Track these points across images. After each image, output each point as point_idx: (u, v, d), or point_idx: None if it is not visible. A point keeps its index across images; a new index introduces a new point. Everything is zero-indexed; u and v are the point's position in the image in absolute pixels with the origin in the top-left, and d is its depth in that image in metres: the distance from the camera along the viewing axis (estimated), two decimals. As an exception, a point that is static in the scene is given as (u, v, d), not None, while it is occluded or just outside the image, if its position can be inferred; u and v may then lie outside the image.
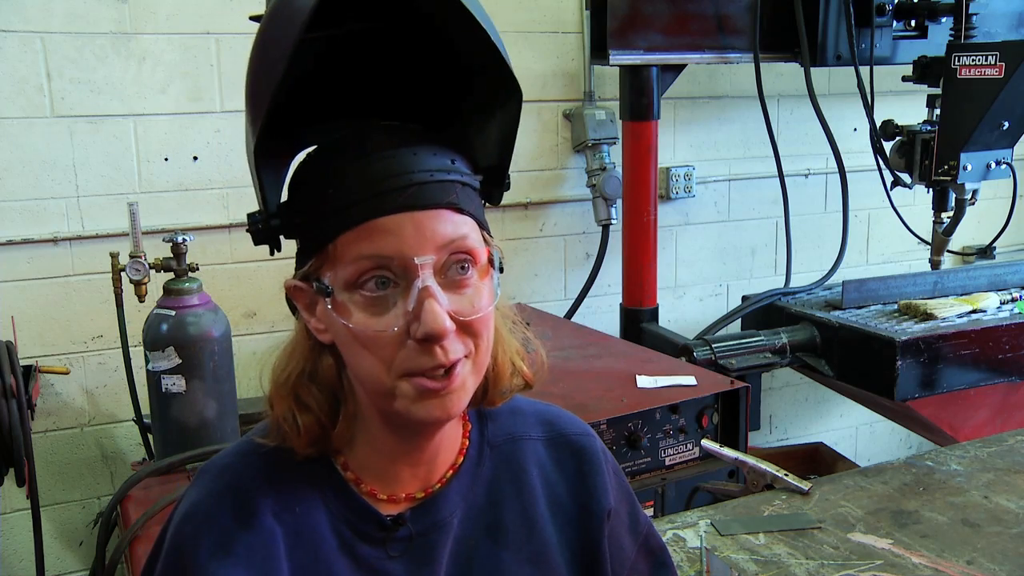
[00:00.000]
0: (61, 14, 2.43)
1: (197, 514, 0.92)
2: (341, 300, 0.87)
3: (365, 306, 0.87)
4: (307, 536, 0.93)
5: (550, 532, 1.02)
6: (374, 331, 0.86)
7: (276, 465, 0.95)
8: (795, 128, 3.39)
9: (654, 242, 2.96)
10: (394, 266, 0.86)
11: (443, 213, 0.88)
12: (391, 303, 0.87)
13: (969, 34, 2.70)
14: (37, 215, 2.49)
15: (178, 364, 2.01)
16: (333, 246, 0.87)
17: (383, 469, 0.97)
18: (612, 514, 1.06)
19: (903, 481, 1.76)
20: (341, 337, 0.89)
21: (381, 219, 0.85)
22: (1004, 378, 2.63)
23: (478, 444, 1.03)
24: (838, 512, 1.64)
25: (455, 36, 0.89)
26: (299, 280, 0.92)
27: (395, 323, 0.86)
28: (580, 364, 2.29)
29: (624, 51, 2.75)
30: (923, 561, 1.47)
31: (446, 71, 0.95)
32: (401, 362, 0.87)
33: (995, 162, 2.65)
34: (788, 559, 1.48)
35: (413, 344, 0.86)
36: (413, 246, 0.85)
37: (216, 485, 0.94)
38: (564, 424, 1.08)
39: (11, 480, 2.10)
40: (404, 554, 0.95)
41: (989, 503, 1.66)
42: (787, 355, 2.73)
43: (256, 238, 0.93)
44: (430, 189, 0.87)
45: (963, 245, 3.74)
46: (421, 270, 0.85)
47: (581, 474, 1.05)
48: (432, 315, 0.84)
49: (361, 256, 0.86)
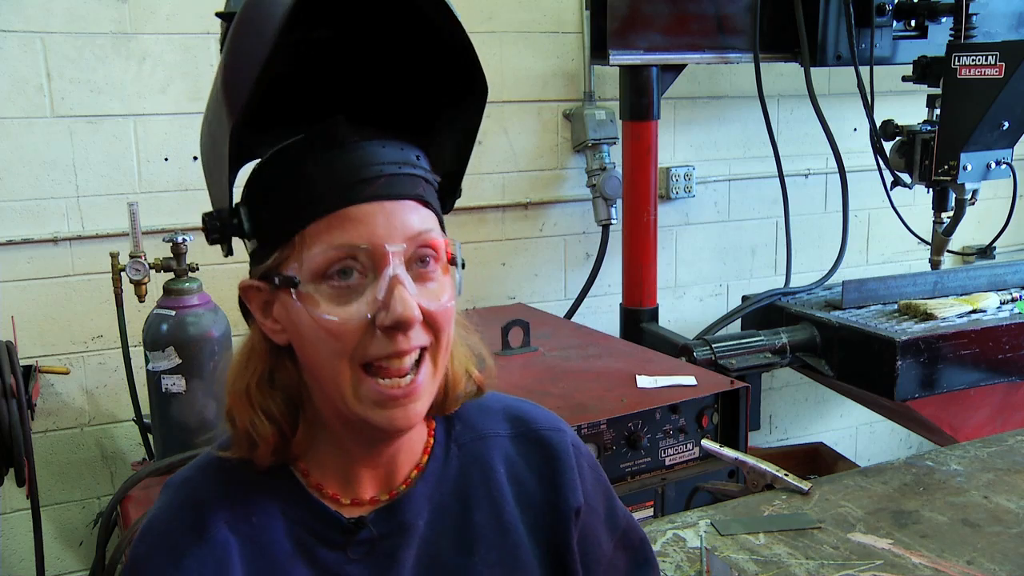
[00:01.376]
0: (61, 14, 2.43)
1: (152, 530, 0.93)
2: (307, 292, 0.87)
3: (332, 296, 0.87)
4: (264, 545, 0.93)
5: (521, 531, 1.02)
6: (341, 319, 0.86)
7: (235, 476, 0.95)
8: (795, 128, 3.39)
9: (654, 242, 2.96)
10: (363, 255, 0.86)
11: (412, 204, 0.89)
12: (357, 292, 0.87)
13: (969, 34, 2.70)
14: (37, 215, 2.49)
15: (178, 364, 2.01)
16: (300, 237, 0.87)
17: (343, 472, 0.97)
18: (584, 511, 1.05)
19: (903, 481, 1.76)
20: (303, 331, 0.88)
21: (352, 208, 0.86)
22: (1004, 378, 2.63)
23: (444, 443, 1.03)
24: (838, 512, 1.64)
25: (426, 27, 0.90)
26: (257, 280, 0.91)
27: (363, 311, 0.86)
28: (580, 364, 2.29)
29: (624, 51, 2.75)
30: (923, 561, 1.47)
31: (410, 71, 0.95)
32: (363, 350, 0.87)
33: (995, 162, 2.65)
34: (788, 559, 1.48)
35: (377, 334, 0.87)
36: (383, 235, 0.86)
37: (173, 500, 0.95)
38: (532, 420, 1.08)
39: (11, 480, 2.10)
40: (366, 557, 0.95)
41: (989, 503, 1.66)
42: (787, 355, 2.73)
43: (213, 236, 0.92)
44: (399, 181, 0.89)
45: (963, 245, 3.74)
46: (392, 258, 0.86)
47: (550, 471, 1.04)
48: (402, 302, 0.85)
49: (332, 245, 0.86)
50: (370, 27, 0.92)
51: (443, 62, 0.93)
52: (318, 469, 0.97)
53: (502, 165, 2.96)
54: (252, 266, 0.93)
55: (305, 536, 0.95)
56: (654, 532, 1.58)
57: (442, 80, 0.95)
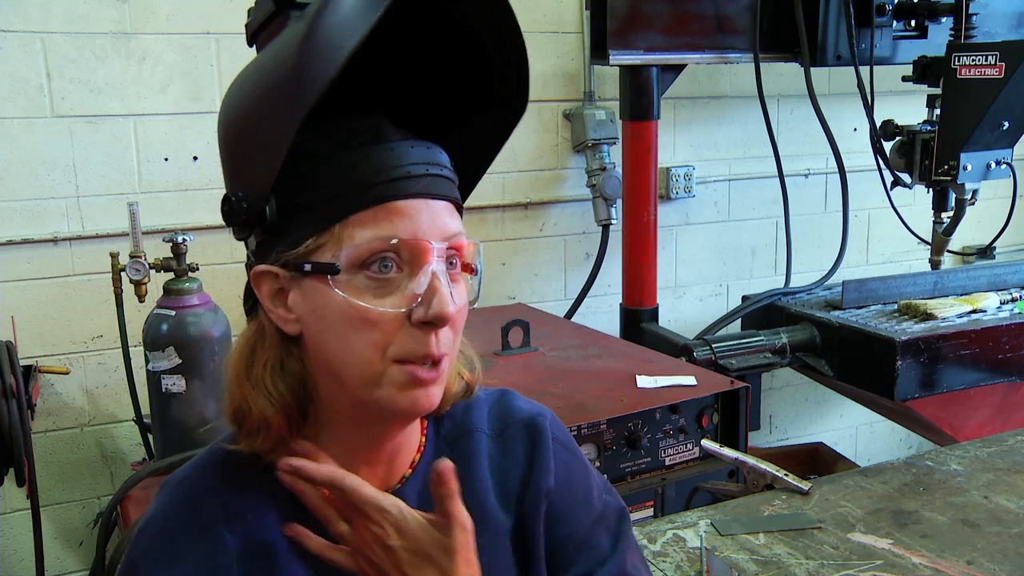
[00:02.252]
0: (61, 14, 2.43)
1: (149, 529, 0.93)
2: (344, 279, 0.88)
3: (369, 287, 0.88)
4: (259, 542, 0.93)
5: (501, 520, 1.03)
6: (379, 311, 0.87)
7: (232, 474, 0.95)
8: (795, 128, 3.39)
9: (654, 242, 2.96)
10: (406, 249, 0.88)
11: (448, 206, 0.92)
12: (394, 286, 0.88)
13: (969, 34, 2.70)
14: (37, 215, 2.49)
15: (178, 364, 2.01)
16: (342, 226, 0.87)
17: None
18: (555, 492, 1.06)
19: (903, 481, 1.76)
20: (331, 319, 0.88)
21: (399, 202, 0.88)
22: (1004, 378, 2.63)
23: (434, 442, 1.05)
24: (838, 512, 1.64)
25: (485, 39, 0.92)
26: (278, 267, 0.90)
27: (400, 304, 0.88)
28: (580, 364, 2.29)
29: (624, 51, 2.75)
30: (923, 561, 1.47)
31: (452, 77, 0.97)
32: (396, 347, 0.88)
33: (995, 162, 2.65)
34: (788, 559, 1.48)
35: (410, 329, 0.88)
36: (427, 231, 0.88)
37: (170, 498, 0.95)
38: (514, 411, 1.09)
39: (11, 480, 2.10)
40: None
41: (989, 503, 1.66)
42: (787, 355, 2.73)
43: (241, 219, 0.90)
44: (440, 182, 0.91)
45: (963, 245, 3.74)
46: (434, 255, 0.88)
47: (527, 456, 1.06)
48: (443, 298, 0.87)
49: (376, 236, 0.87)
50: (423, 27, 0.93)
51: (489, 73, 0.95)
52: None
53: (502, 165, 2.96)
54: (261, 253, 0.92)
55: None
56: (654, 532, 1.58)
57: (482, 89, 0.96)
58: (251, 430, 0.93)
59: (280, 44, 0.87)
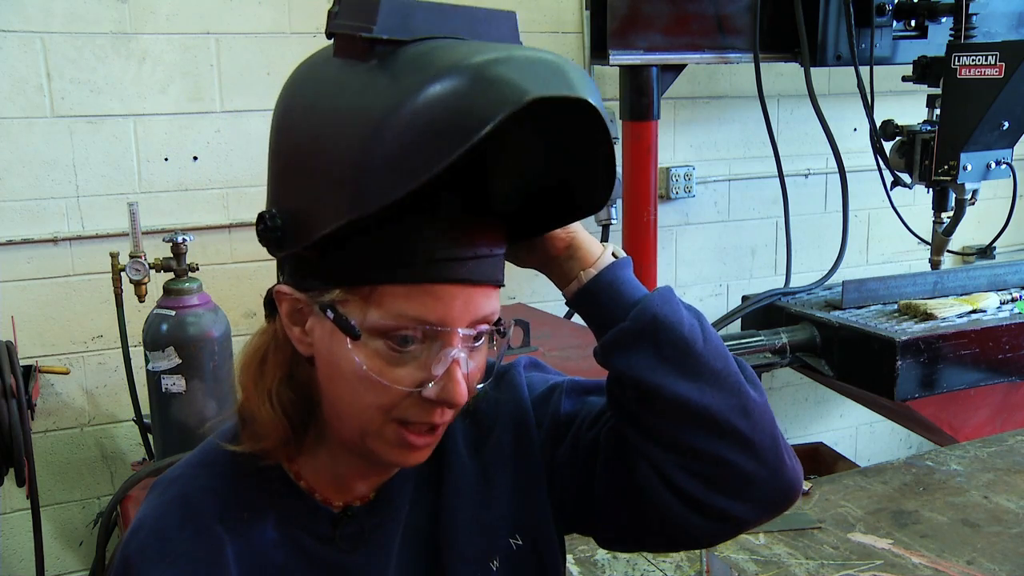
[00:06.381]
0: (61, 14, 2.43)
1: (144, 526, 0.92)
2: (362, 342, 0.86)
3: (386, 355, 0.86)
4: (255, 540, 0.93)
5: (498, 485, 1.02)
6: (390, 381, 0.86)
7: (225, 473, 0.95)
8: (795, 128, 3.39)
9: (654, 242, 2.96)
10: (430, 330, 0.86)
11: (488, 291, 0.89)
12: (412, 357, 0.86)
13: (969, 34, 2.70)
14: (37, 215, 2.49)
15: (178, 364, 2.01)
16: (371, 290, 0.85)
17: (338, 480, 0.97)
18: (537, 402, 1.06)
19: (903, 481, 1.76)
20: (342, 370, 0.87)
21: (436, 286, 0.85)
22: (1004, 378, 2.63)
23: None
24: (838, 512, 1.64)
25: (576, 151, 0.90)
26: (300, 292, 0.89)
27: (414, 377, 0.86)
28: (580, 364, 2.29)
29: (624, 51, 2.75)
30: (923, 561, 1.47)
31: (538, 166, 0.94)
32: (400, 411, 0.88)
33: (995, 162, 2.65)
34: (788, 559, 1.48)
35: (418, 399, 0.87)
36: (457, 318, 0.86)
37: (165, 496, 0.94)
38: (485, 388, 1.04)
39: (11, 480, 2.10)
40: (356, 548, 0.96)
41: (989, 503, 1.66)
42: (787, 355, 2.73)
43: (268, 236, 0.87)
44: (486, 264, 0.88)
45: (963, 245, 3.74)
46: (459, 341, 0.86)
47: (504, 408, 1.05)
48: (457, 386, 0.86)
49: (404, 314, 0.84)
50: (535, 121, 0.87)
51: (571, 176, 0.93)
52: (312, 474, 0.97)
53: (502, 165, 2.95)
54: (290, 273, 0.90)
55: (295, 531, 0.95)
56: (654, 532, 1.58)
57: (562, 189, 0.94)
58: (254, 433, 0.93)
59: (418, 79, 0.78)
